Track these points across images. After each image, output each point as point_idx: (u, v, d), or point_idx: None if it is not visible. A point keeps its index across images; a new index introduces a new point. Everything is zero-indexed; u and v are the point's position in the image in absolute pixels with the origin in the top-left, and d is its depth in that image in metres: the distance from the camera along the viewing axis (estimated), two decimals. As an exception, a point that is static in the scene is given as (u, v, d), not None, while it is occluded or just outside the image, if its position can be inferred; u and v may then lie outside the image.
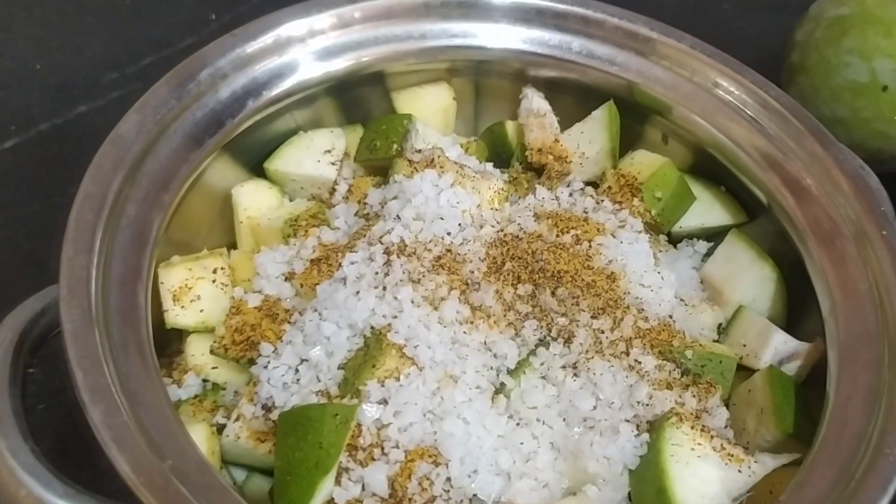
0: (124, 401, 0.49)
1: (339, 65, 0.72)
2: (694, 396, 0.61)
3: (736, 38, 1.16)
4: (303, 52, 0.71)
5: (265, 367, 0.62)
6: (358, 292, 0.62)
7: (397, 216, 0.67)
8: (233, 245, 0.74)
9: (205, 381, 0.65)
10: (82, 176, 0.90)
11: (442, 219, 0.67)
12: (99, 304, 0.53)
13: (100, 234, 0.56)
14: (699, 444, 0.56)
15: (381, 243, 0.65)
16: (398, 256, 0.64)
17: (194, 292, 0.66)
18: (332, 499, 0.55)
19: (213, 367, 0.65)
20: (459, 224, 0.67)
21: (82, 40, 1.06)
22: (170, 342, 0.68)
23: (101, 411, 0.48)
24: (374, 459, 0.56)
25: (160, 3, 1.11)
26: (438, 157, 0.71)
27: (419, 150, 0.72)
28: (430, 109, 0.78)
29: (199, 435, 0.58)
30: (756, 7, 1.21)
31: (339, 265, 0.65)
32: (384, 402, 0.58)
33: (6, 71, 1.02)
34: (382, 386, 0.58)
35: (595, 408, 0.60)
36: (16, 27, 1.07)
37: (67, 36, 1.07)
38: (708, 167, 0.74)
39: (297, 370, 0.61)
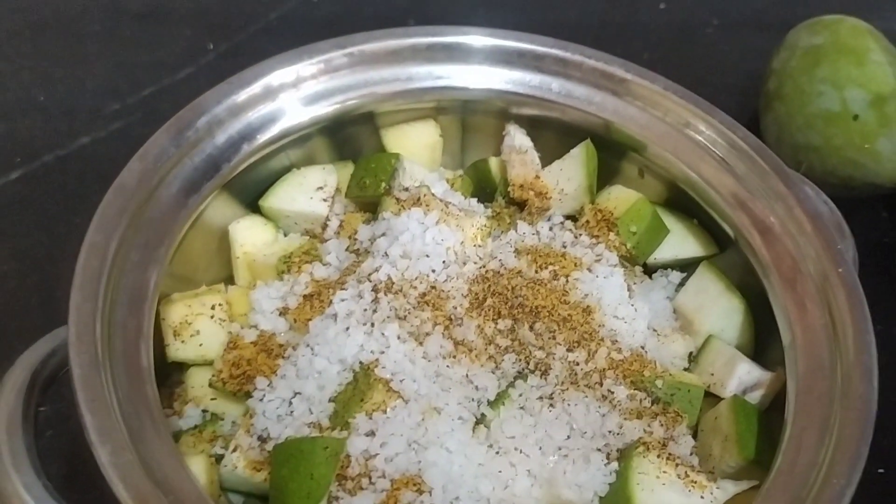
0: (129, 440, 0.53)
1: (327, 108, 0.76)
2: (662, 425, 0.65)
3: (718, 61, 1.21)
4: (292, 97, 0.74)
5: (260, 399, 0.66)
6: (347, 328, 0.67)
7: (385, 253, 0.71)
8: (230, 278, 0.78)
9: (204, 411, 0.69)
10: (86, 207, 0.93)
11: (427, 256, 0.71)
12: (105, 348, 0.57)
13: (104, 280, 0.59)
14: (664, 471, 0.60)
15: (370, 281, 0.69)
16: (385, 294, 0.68)
17: (194, 327, 0.70)
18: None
19: (212, 399, 0.69)
20: (444, 262, 0.71)
21: (84, 70, 1.10)
22: (171, 373, 0.72)
23: (109, 451, 0.52)
24: (361, 489, 0.60)
25: (159, 33, 1.15)
26: (424, 195, 0.75)
27: (406, 188, 0.76)
28: (417, 146, 0.82)
29: (199, 466, 0.62)
30: (739, 28, 1.24)
31: (330, 302, 0.69)
32: (372, 433, 0.62)
33: (10, 102, 1.06)
34: (370, 419, 0.62)
35: (569, 437, 0.64)
36: (19, 58, 1.11)
37: (70, 66, 1.10)
38: (681, 201, 0.78)
39: (290, 402, 0.65)
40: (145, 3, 1.19)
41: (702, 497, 0.60)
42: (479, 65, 0.79)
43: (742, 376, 0.68)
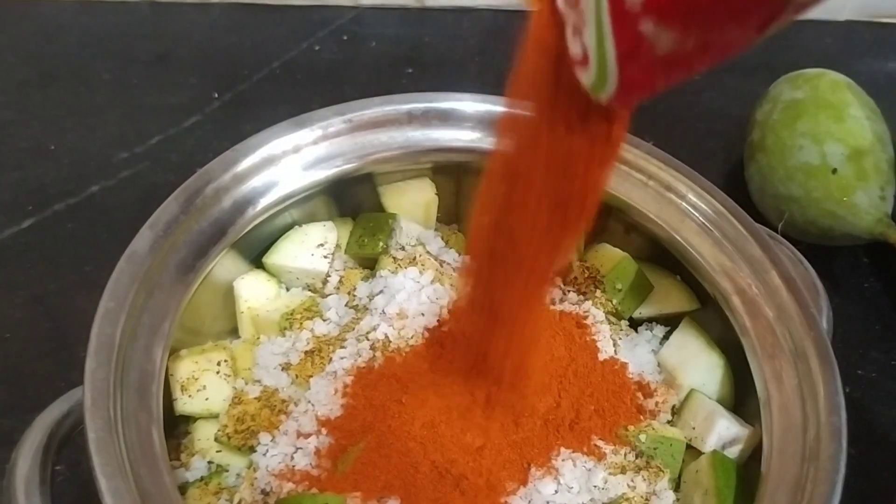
0: (140, 500, 0.57)
1: (326, 171, 0.79)
2: (644, 480, 0.69)
3: (705, 108, 1.25)
4: (292, 163, 0.78)
5: (264, 454, 0.69)
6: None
7: (383, 311, 0.75)
8: (234, 330, 0.81)
9: (210, 462, 0.73)
10: (96, 255, 0.99)
11: (423, 315, 0.74)
12: (118, 411, 0.61)
13: (117, 345, 0.63)
14: (647, 529, 0.64)
15: (368, 339, 0.73)
16: (382, 353, 0.72)
17: (200, 383, 0.74)
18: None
19: (217, 451, 0.72)
20: (438, 320, 0.75)
21: (94, 120, 1.14)
22: (178, 424, 0.75)
23: (122, 513, 0.55)
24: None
25: (166, 83, 1.19)
26: (420, 255, 0.79)
27: (403, 247, 0.80)
28: (413, 204, 0.86)
29: (207, 520, 0.65)
30: (724, 75, 1.28)
31: (331, 359, 0.73)
32: (369, 490, 0.66)
33: (23, 151, 1.10)
34: (368, 475, 0.66)
35: (556, 492, 0.67)
36: (31, 108, 1.15)
37: (80, 116, 1.14)
38: (664, 259, 0.82)
39: (292, 458, 0.69)
40: (153, 51, 1.23)
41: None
42: (472, 130, 0.83)
43: (721, 432, 0.72)
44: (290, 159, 0.78)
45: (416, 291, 0.76)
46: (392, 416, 0.68)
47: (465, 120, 0.83)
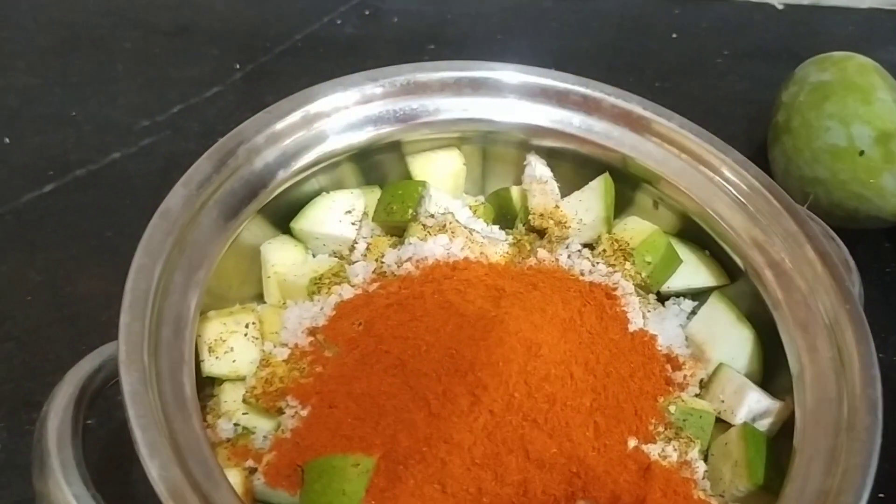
0: (175, 455, 0.56)
1: (360, 137, 0.79)
2: (675, 450, 0.68)
3: (728, 92, 1.25)
4: (328, 126, 0.78)
5: (292, 416, 0.69)
6: (376, 350, 0.70)
7: (412, 278, 0.75)
8: (260, 296, 0.81)
9: (236, 424, 0.72)
10: (117, 221, 0.98)
11: (452, 282, 0.74)
12: (152, 366, 0.60)
13: (150, 301, 0.63)
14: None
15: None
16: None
17: (228, 344, 0.73)
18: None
19: (244, 413, 0.72)
20: (466, 288, 0.74)
21: (115, 88, 1.13)
22: (204, 387, 0.75)
23: (158, 466, 0.55)
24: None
25: (188, 53, 1.19)
26: (450, 222, 0.78)
27: (432, 215, 0.80)
28: (441, 173, 0.85)
29: (235, 479, 0.65)
30: (748, 60, 1.28)
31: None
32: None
33: (44, 116, 1.09)
34: (398, 437, 0.65)
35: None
36: (51, 74, 1.15)
37: (101, 84, 1.14)
38: (694, 233, 0.82)
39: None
40: (175, 22, 1.23)
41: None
42: (504, 98, 0.83)
43: (752, 405, 0.71)
44: (322, 123, 0.77)
45: (445, 259, 0.76)
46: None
47: (498, 89, 0.82)
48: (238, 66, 1.17)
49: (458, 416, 0.63)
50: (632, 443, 0.68)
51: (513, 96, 0.83)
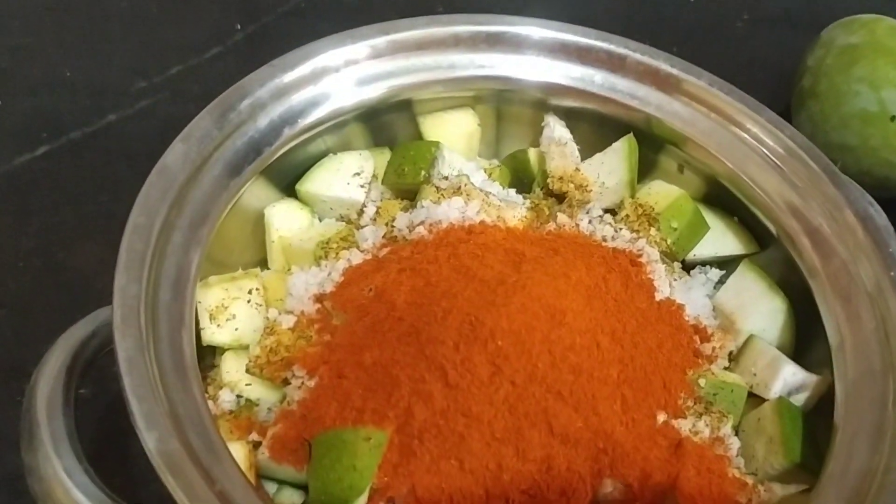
0: (174, 426, 0.52)
1: (371, 93, 0.75)
2: (707, 425, 0.64)
3: (748, 58, 1.20)
4: (337, 81, 0.73)
5: (298, 387, 0.65)
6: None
7: (424, 243, 0.70)
8: (264, 262, 0.77)
9: (238, 396, 0.68)
10: (112, 185, 0.94)
11: (468, 247, 0.70)
12: (149, 331, 0.56)
13: (148, 262, 0.58)
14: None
15: (409, 269, 0.68)
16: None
17: (230, 311, 0.69)
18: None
19: (248, 384, 0.68)
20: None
21: (110, 48, 1.08)
22: (204, 357, 0.70)
23: (156, 438, 0.51)
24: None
25: (186, 12, 1.14)
26: (465, 184, 0.74)
27: (446, 177, 0.75)
28: (454, 135, 0.81)
29: (238, 453, 0.61)
30: (769, 24, 1.23)
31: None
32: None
33: (37, 77, 1.05)
34: (411, 409, 0.61)
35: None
36: (45, 34, 1.10)
37: (96, 43, 1.09)
38: (722, 198, 0.77)
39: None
40: (172, -19, 1.17)
41: (749, 500, 0.59)
42: (522, 54, 0.78)
43: (787, 378, 0.67)
44: (330, 78, 0.73)
45: (460, 223, 0.71)
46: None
47: (515, 45, 0.78)
48: (239, 27, 1.12)
49: (478, 388, 0.59)
50: (661, 417, 0.64)
51: (531, 52, 0.78)
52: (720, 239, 0.78)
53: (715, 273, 0.77)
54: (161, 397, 0.53)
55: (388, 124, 0.80)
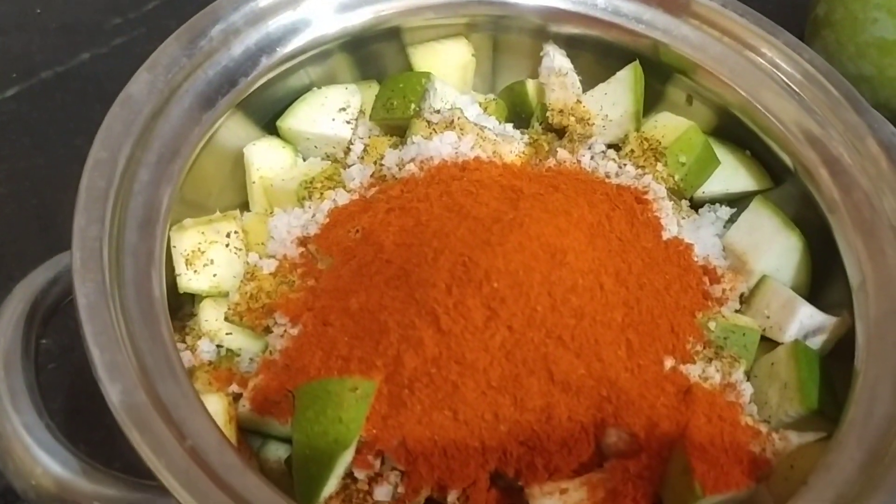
0: (141, 378, 0.48)
1: (356, 19, 0.70)
2: (718, 371, 0.60)
3: (758, -14, 1.13)
4: (318, 6, 0.68)
5: (281, 335, 0.61)
6: (376, 259, 0.61)
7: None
8: (245, 205, 0.72)
9: (218, 346, 0.64)
10: (87, 127, 0.87)
11: (461, 184, 0.65)
12: (113, 276, 0.52)
13: (111, 201, 0.54)
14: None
15: (399, 208, 0.64)
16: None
17: (207, 256, 0.65)
18: (351, 472, 0.55)
19: (228, 333, 0.64)
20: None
21: (83, -17, 1.03)
22: (182, 305, 0.67)
23: (120, 390, 0.46)
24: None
25: (164, -57, 1.08)
26: (458, 118, 0.69)
27: (438, 111, 0.70)
28: (447, 66, 0.76)
29: (216, 406, 0.57)
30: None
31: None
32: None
33: (5, 15, 0.99)
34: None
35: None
36: (14, -31, 1.04)
37: (67, -22, 1.03)
38: (734, 130, 0.72)
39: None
40: None
41: (763, 449, 0.55)
42: (519, -23, 0.72)
43: (804, 320, 0.63)
44: (311, 2, 0.68)
45: (453, 158, 0.66)
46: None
47: (512, -35, 0.72)
48: (220, -41, 1.06)
49: (472, 333, 0.55)
50: (668, 363, 0.60)
51: (529, -26, 0.72)
52: (731, 174, 0.73)
53: (725, 211, 0.73)
54: (126, 346, 0.49)
55: (375, 55, 0.75)
